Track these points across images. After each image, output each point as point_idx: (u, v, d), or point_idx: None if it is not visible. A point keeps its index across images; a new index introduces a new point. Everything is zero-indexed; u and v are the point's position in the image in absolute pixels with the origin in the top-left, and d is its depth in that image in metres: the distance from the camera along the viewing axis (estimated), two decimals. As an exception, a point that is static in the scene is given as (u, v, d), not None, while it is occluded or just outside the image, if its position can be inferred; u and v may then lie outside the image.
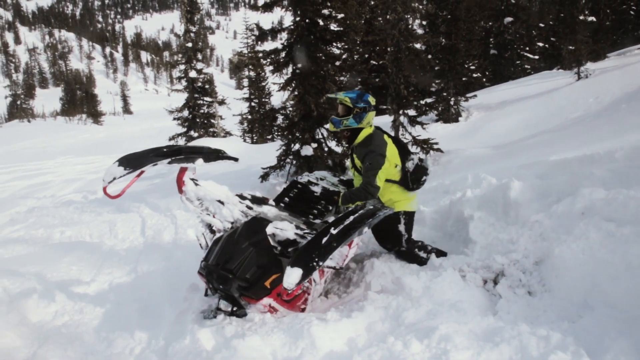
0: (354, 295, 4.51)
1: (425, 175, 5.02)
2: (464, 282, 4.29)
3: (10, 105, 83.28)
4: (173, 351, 3.88)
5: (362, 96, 4.83)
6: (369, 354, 3.19)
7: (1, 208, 16.75)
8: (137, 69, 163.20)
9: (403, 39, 9.21)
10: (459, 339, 3.20)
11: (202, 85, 22.64)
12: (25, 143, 48.21)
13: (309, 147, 10.70)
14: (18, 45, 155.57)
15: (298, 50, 10.53)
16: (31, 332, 5.50)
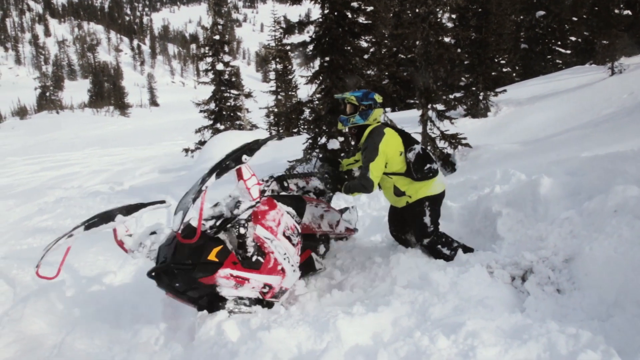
0: (380, 289, 4.48)
1: (429, 163, 4.92)
2: (492, 279, 4.24)
3: (39, 96, 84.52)
4: (198, 342, 3.90)
5: (367, 94, 4.93)
6: (395, 348, 3.17)
7: (30, 198, 17.04)
8: (164, 62, 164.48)
9: (433, 32, 9.12)
10: (486, 335, 3.16)
11: (228, 77, 22.71)
12: (54, 134, 48.95)
13: (336, 140, 10.70)
14: (48, 37, 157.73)
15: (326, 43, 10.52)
16: (59, 320, 5.58)
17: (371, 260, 5.32)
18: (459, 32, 9.64)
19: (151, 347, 4.52)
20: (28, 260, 8.52)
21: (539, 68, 22.55)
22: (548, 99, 12.49)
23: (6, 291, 7.02)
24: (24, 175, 24.73)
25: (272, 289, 4.24)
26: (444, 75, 9.78)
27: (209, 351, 3.70)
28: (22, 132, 52.83)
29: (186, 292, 4.15)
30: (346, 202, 8.58)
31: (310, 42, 10.91)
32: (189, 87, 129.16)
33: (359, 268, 5.22)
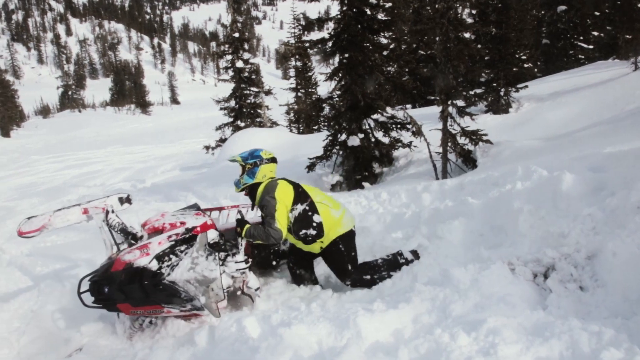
0: (400, 286, 4.49)
1: (305, 229, 4.95)
2: (513, 276, 4.22)
3: (62, 95, 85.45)
4: (219, 338, 3.94)
5: (253, 153, 5.10)
6: (416, 345, 3.18)
7: (54, 195, 17.29)
8: (185, 60, 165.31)
9: (452, 28, 9.06)
10: (507, 332, 3.16)
11: (248, 75, 22.77)
12: (76, 132, 49.52)
13: (356, 137, 10.68)
14: (69, 36, 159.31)
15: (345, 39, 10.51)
16: (82, 316, 5.66)
17: (392, 256, 5.33)
18: (479, 27, 9.55)
19: (173, 341, 4.58)
20: (52, 258, 8.67)
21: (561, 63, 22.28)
22: (570, 94, 12.35)
23: (31, 287, 7.14)
24: (48, 173, 25.07)
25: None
26: (464, 71, 9.69)
27: (230, 347, 3.73)
28: (45, 131, 53.53)
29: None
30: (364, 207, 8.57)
31: (329, 39, 10.89)
32: (209, 85, 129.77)
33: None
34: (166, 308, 4.53)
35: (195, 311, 4.57)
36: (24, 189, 20.78)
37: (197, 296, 4.35)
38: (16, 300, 6.64)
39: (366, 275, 5.00)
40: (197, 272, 4.39)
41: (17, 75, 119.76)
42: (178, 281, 4.36)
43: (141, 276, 4.42)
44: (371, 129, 11.13)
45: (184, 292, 4.38)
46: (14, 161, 32.15)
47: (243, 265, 4.78)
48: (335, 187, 11.29)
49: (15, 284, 7.63)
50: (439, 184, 7.94)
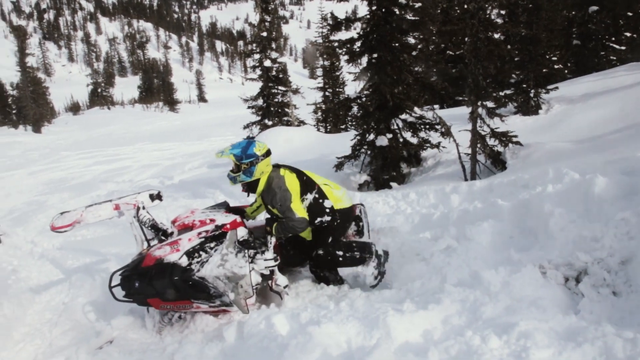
0: (429, 287, 4.46)
1: (320, 217, 4.99)
2: (544, 279, 4.17)
3: (91, 93, 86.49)
4: (248, 335, 3.96)
5: (246, 150, 4.90)
6: (446, 347, 3.16)
7: (83, 191, 17.57)
8: (212, 58, 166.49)
9: (482, 28, 8.99)
10: (539, 336, 3.12)
11: (276, 74, 22.84)
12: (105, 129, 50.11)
13: (384, 137, 10.67)
14: (99, 35, 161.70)
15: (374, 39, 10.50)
16: (113, 309, 5.74)
17: (420, 257, 5.32)
18: (509, 28, 9.44)
19: (202, 336, 4.62)
20: (82, 252, 8.81)
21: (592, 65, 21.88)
22: (602, 96, 12.15)
23: (62, 280, 7.26)
24: (77, 169, 25.44)
25: None
26: (494, 72, 9.61)
27: (259, 344, 3.76)
28: (75, 127, 54.27)
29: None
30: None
31: (358, 38, 10.90)
32: (236, 84, 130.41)
33: (407, 265, 5.21)
34: (195, 303, 4.60)
35: (224, 307, 4.63)
36: (55, 184, 21.13)
37: (226, 292, 4.40)
38: (48, 292, 6.76)
39: (338, 251, 5.07)
40: (227, 268, 4.42)
41: (49, 73, 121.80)
42: (207, 277, 4.42)
43: (171, 272, 4.51)
44: (399, 129, 11.10)
45: (213, 288, 4.44)
46: (44, 157, 32.68)
47: (272, 262, 4.79)
48: (362, 187, 11.28)
49: (47, 277, 7.77)
50: (467, 185, 7.90)
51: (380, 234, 6.24)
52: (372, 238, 6.08)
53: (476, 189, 7.67)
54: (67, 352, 4.69)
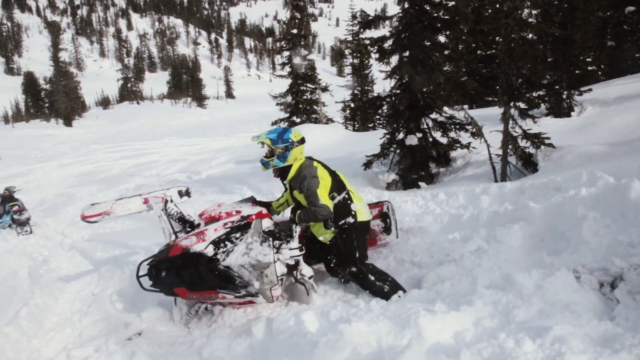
0: (460, 288, 4.41)
1: (345, 217, 4.95)
2: (578, 284, 4.09)
3: (121, 87, 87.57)
4: (277, 331, 3.96)
5: (282, 135, 4.96)
6: (479, 349, 3.11)
7: (111, 184, 17.81)
8: (241, 55, 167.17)
9: (517, 28, 8.87)
10: (574, 341, 3.06)
11: (305, 71, 22.84)
12: (134, 124, 50.71)
13: (414, 136, 10.61)
14: (130, 31, 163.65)
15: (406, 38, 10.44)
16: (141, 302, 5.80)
17: (449, 257, 5.27)
18: (544, 28, 9.29)
19: (230, 330, 4.64)
20: (111, 244, 8.92)
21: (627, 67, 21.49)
22: (637, 99, 11.92)
23: (91, 271, 7.38)
24: (106, 162, 25.80)
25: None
26: (527, 73, 9.48)
27: (288, 340, 3.75)
28: (104, 122, 55.01)
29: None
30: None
31: (390, 36, 10.85)
32: (264, 80, 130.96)
33: (436, 265, 5.17)
34: (221, 293, 4.64)
35: (250, 298, 4.64)
36: (84, 177, 21.46)
37: (251, 281, 4.42)
38: (78, 282, 6.89)
39: (372, 276, 4.96)
40: (252, 257, 4.45)
41: (80, 68, 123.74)
42: (233, 266, 4.45)
43: (197, 261, 4.57)
44: (429, 129, 11.03)
45: (238, 277, 4.47)
46: (75, 150, 33.22)
47: (297, 252, 4.81)
48: (390, 186, 11.24)
49: (77, 267, 7.91)
50: (498, 187, 7.81)
51: (409, 234, 6.20)
52: (401, 237, 6.06)
53: (507, 191, 7.58)
54: (97, 342, 4.75)
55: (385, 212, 5.94)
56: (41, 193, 18.20)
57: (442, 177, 11.17)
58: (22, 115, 64.95)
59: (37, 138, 40.43)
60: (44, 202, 16.04)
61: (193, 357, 4.32)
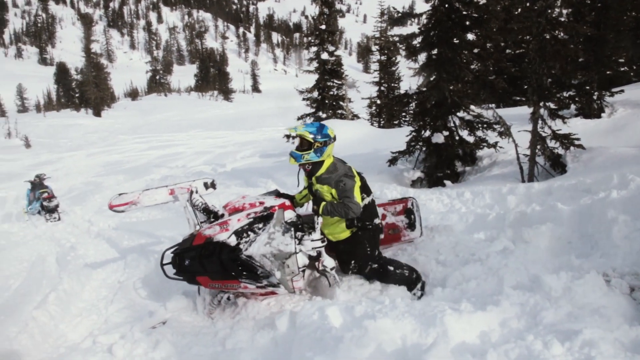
0: (486, 288, 4.37)
1: (375, 217, 5.10)
2: (608, 288, 4.01)
3: (150, 79, 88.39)
4: (301, 324, 3.96)
5: (321, 130, 4.98)
6: (506, 350, 3.07)
7: (138, 174, 18.02)
8: (268, 50, 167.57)
9: (549, 27, 8.74)
10: (604, 346, 3.00)
11: (332, 67, 22.78)
12: (161, 115, 51.19)
13: (440, 134, 10.55)
14: (160, 24, 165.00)
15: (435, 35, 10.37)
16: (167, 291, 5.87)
17: (475, 257, 5.23)
18: (577, 27, 9.12)
19: (254, 322, 4.66)
20: (137, 233, 9.03)
21: (661, 68, 21.12)
22: (670, 101, 11.71)
23: (117, 259, 7.48)
24: (133, 152, 26.09)
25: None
26: (558, 73, 9.34)
27: (312, 335, 3.75)
28: (132, 112, 55.61)
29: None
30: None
31: (419, 34, 10.78)
32: (290, 75, 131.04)
33: (462, 265, 5.13)
34: (243, 283, 4.68)
35: (271, 288, 4.68)
36: (111, 166, 21.75)
37: (273, 271, 4.47)
38: (104, 270, 6.99)
39: (390, 266, 5.05)
40: (273, 246, 4.51)
41: (111, 59, 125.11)
42: (255, 255, 4.52)
43: (220, 250, 4.65)
44: (456, 127, 10.94)
45: (260, 267, 4.52)
46: (103, 139, 33.66)
47: (319, 243, 4.83)
48: (415, 184, 11.18)
49: (103, 255, 8.02)
50: (525, 187, 7.72)
51: (434, 232, 6.17)
52: (426, 235, 6.03)
53: (534, 191, 7.49)
54: (122, 330, 4.81)
55: (409, 209, 5.96)
56: (70, 181, 18.49)
57: (468, 176, 11.08)
58: (54, 104, 65.91)
59: (67, 127, 41.03)
60: (72, 190, 16.30)
61: (216, 348, 4.36)
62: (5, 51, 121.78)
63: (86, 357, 4.21)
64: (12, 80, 73.28)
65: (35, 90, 69.34)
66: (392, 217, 5.93)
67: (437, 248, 5.68)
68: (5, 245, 9.23)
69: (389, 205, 6.01)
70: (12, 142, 30.69)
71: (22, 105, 67.60)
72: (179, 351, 4.37)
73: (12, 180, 18.80)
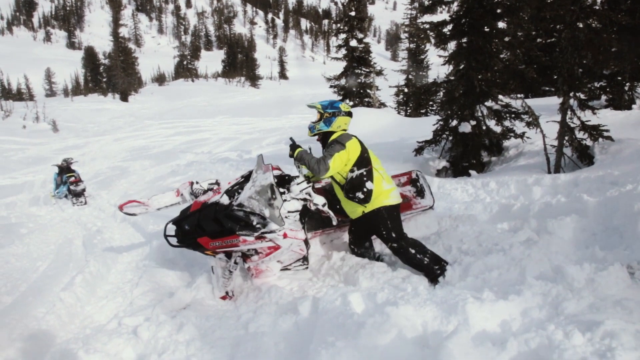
0: (508, 277, 4.37)
1: (358, 191, 5.09)
2: (632, 280, 3.98)
3: (177, 65, 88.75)
4: (323, 309, 4.00)
5: (333, 103, 5.30)
6: (526, 339, 3.08)
7: (164, 160, 18.17)
8: (296, 36, 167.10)
9: (583, 15, 8.59)
10: (625, 337, 2.97)
11: (360, 54, 22.70)
12: (188, 101, 51.41)
13: (467, 124, 10.48)
14: (189, 8, 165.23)
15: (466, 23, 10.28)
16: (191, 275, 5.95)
17: (498, 247, 5.22)
18: (611, 16, 8.93)
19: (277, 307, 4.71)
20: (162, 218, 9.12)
21: (696, 60, 20.60)
22: None
23: (142, 244, 7.59)
24: (159, 138, 26.29)
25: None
26: (590, 62, 9.19)
27: (334, 320, 3.78)
28: (159, 98, 55.92)
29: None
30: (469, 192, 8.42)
31: (450, 21, 10.69)
32: (318, 62, 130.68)
33: (484, 254, 5.12)
34: (241, 236, 4.86)
35: (269, 236, 4.87)
36: (137, 151, 21.94)
37: (262, 211, 4.70)
38: (129, 254, 7.11)
39: (412, 249, 5.08)
40: (256, 185, 4.80)
41: (139, 44, 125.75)
42: (243, 201, 4.78)
43: (215, 210, 4.97)
44: (483, 117, 10.86)
45: (251, 213, 4.79)
46: (129, 124, 33.95)
47: (304, 184, 5.11)
48: (440, 173, 11.15)
49: (129, 239, 8.15)
50: (551, 178, 7.67)
51: (458, 221, 6.17)
52: (449, 224, 6.04)
53: (560, 183, 7.44)
54: (147, 312, 4.89)
55: (414, 179, 6.18)
56: (96, 165, 18.73)
57: (493, 166, 11.01)
58: (81, 89, 66.55)
59: (94, 112, 41.46)
60: (98, 175, 16.51)
61: (239, 331, 4.41)
62: (34, 35, 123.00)
63: (112, 338, 4.29)
64: (41, 65, 74.18)
65: (64, 74, 70.10)
66: (399, 188, 5.99)
67: (460, 237, 5.68)
68: (33, 228, 9.40)
69: (393, 178, 6.11)
70: (40, 126, 31.09)
71: (50, 90, 68.38)
72: (202, 334, 4.43)
73: (39, 164, 19.09)
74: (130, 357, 4.19)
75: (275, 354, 3.91)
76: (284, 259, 5.34)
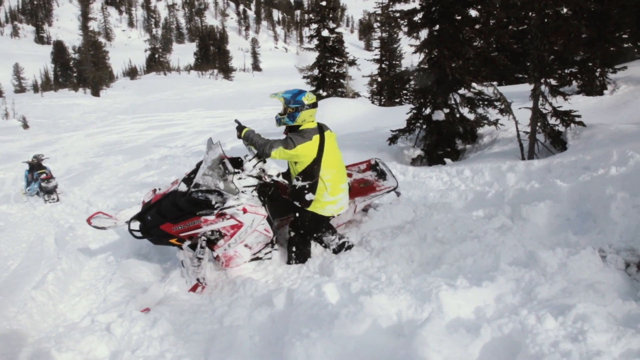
0: (482, 264, 4.39)
1: (298, 200, 5.28)
2: (604, 263, 4.01)
3: (149, 58, 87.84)
4: (298, 301, 3.97)
5: (295, 96, 5.18)
6: (500, 325, 3.08)
7: (137, 154, 17.98)
8: (268, 27, 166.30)
9: (552, 2, 8.64)
10: (597, 320, 3.00)
11: (333, 44, 22.65)
12: (161, 95, 50.97)
13: (441, 112, 10.51)
14: (159, 1, 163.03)
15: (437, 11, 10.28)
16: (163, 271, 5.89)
17: (473, 234, 5.23)
18: (580, 2, 9.00)
19: (250, 304, 4.67)
20: (137, 212, 9.00)
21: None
22: (674, 78, 11.64)
23: (116, 240, 7.48)
24: (132, 132, 26.02)
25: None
26: (561, 49, 9.26)
27: (309, 311, 3.75)
28: (131, 92, 55.35)
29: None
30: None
31: (420, 9, 10.69)
32: (291, 53, 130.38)
33: (459, 242, 5.13)
34: (202, 217, 4.96)
35: (227, 211, 4.97)
36: (110, 147, 21.69)
37: (217, 185, 4.85)
38: (103, 250, 7.00)
39: (295, 248, 5.52)
40: (207, 162, 5.04)
41: (109, 38, 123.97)
42: (199, 181, 4.88)
43: (174, 197, 5.09)
44: (457, 104, 10.90)
45: (207, 192, 4.90)
46: (101, 119, 33.54)
47: (256, 160, 5.32)
48: (415, 162, 11.17)
49: (102, 236, 8.01)
50: (525, 164, 7.72)
51: (433, 210, 6.17)
52: (424, 213, 6.05)
53: (534, 169, 7.49)
54: (120, 308, 4.83)
55: (373, 164, 6.24)
56: (68, 162, 18.46)
57: (468, 154, 11.07)
58: (51, 84, 65.52)
59: (65, 107, 40.84)
60: (70, 171, 16.27)
61: (214, 325, 4.37)
62: (1, 30, 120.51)
63: (85, 336, 4.22)
64: (9, 60, 72.76)
65: (33, 69, 68.77)
66: (359, 174, 6.16)
67: (435, 225, 5.67)
68: (4, 226, 9.23)
69: (352, 166, 6.25)
70: (10, 123, 30.57)
71: (20, 85, 67.15)
72: (177, 329, 4.38)
73: (10, 161, 18.75)
74: (103, 354, 4.12)
75: (251, 347, 3.87)
76: (250, 242, 5.37)
